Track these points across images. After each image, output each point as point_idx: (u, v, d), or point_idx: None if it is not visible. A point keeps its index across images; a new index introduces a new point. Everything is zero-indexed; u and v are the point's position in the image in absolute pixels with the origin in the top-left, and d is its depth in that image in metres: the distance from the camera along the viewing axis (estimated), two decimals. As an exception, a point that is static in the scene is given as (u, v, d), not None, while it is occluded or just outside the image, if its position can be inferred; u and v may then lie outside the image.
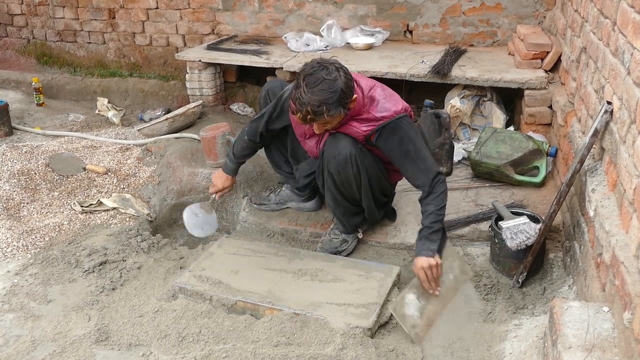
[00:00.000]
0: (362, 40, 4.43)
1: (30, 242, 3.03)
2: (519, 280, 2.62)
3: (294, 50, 4.41)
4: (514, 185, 3.32)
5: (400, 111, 2.62)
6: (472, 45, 4.45)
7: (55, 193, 3.42)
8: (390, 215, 3.11)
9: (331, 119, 2.49)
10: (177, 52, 4.84)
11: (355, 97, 2.51)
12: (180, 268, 2.85)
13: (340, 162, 2.64)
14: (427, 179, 2.56)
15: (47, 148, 3.86)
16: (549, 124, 3.66)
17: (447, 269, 2.52)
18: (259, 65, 4.33)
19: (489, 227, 2.79)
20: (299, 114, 2.44)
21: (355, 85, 2.56)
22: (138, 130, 4.23)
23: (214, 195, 3.08)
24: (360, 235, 3.00)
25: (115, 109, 4.83)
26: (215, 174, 3.11)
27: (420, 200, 2.60)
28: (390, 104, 2.62)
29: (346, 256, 2.92)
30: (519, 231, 2.57)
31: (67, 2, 5.46)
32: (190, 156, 3.75)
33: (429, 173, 2.57)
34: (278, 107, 2.86)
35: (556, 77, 3.67)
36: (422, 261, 2.45)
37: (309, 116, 2.42)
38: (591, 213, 2.27)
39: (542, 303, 2.52)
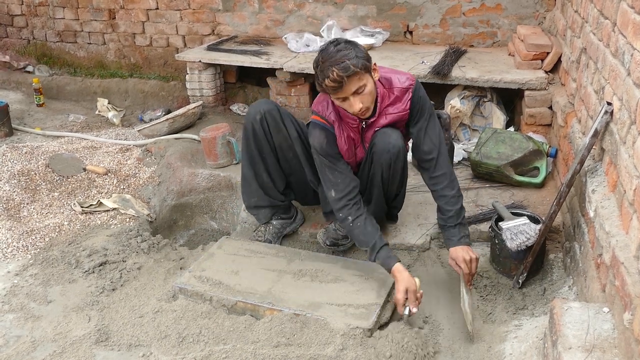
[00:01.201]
0: (362, 40, 4.43)
1: (31, 242, 3.03)
2: (519, 280, 2.62)
3: (294, 51, 4.41)
4: (514, 185, 3.32)
5: (410, 76, 2.62)
6: (472, 46, 4.45)
7: (56, 193, 3.42)
8: (393, 217, 3.10)
9: (360, 80, 2.36)
10: (177, 53, 4.84)
11: (375, 64, 2.47)
12: (181, 269, 2.85)
13: (394, 154, 2.59)
14: (434, 151, 2.57)
15: (47, 148, 3.86)
16: (549, 125, 3.67)
17: None
18: (259, 66, 4.33)
19: (489, 227, 2.79)
20: (329, 82, 2.34)
21: None
22: (138, 130, 4.23)
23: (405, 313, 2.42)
24: None
25: (116, 110, 4.84)
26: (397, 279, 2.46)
27: (432, 184, 2.58)
28: (399, 74, 2.63)
29: (344, 254, 2.92)
30: (519, 232, 2.57)
31: (67, 3, 5.47)
32: (190, 157, 3.75)
33: (435, 142, 2.59)
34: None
35: (556, 78, 3.67)
36: (464, 252, 2.45)
37: (339, 77, 2.31)
38: (591, 214, 2.27)
39: (542, 304, 2.52)
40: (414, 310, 2.36)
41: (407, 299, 2.36)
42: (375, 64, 2.48)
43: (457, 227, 2.53)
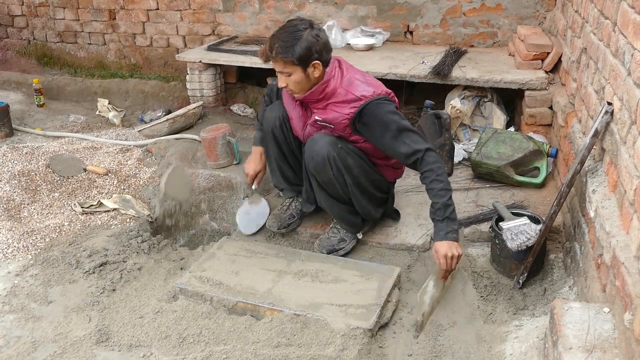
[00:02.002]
0: (362, 41, 4.44)
1: (31, 243, 3.03)
2: (520, 281, 2.62)
3: (295, 51, 4.40)
4: (514, 186, 3.32)
5: (382, 93, 2.64)
6: (472, 46, 4.45)
7: (56, 194, 3.42)
8: (393, 214, 3.10)
9: (284, 67, 2.55)
10: (178, 53, 4.84)
11: (318, 64, 2.56)
12: (181, 269, 2.86)
13: (319, 163, 2.65)
14: (418, 152, 2.56)
15: (47, 149, 3.86)
16: (550, 125, 3.66)
17: None
18: (260, 66, 4.32)
19: (490, 227, 2.79)
20: (261, 50, 2.60)
21: (336, 66, 2.65)
22: (138, 131, 4.23)
23: (254, 186, 3.07)
24: (360, 236, 2.99)
25: (116, 110, 4.84)
26: (246, 162, 3.12)
27: (422, 179, 2.58)
28: (370, 86, 2.65)
29: (344, 256, 2.91)
30: (519, 232, 2.57)
31: (68, 3, 5.47)
32: (190, 157, 3.75)
33: (417, 145, 2.57)
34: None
35: (556, 78, 3.67)
36: (446, 248, 2.43)
37: (265, 52, 2.56)
38: (592, 214, 2.27)
39: (543, 304, 2.52)
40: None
41: None
42: (318, 63, 2.55)
43: (444, 222, 2.48)
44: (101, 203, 3.33)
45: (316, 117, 2.71)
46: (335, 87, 2.63)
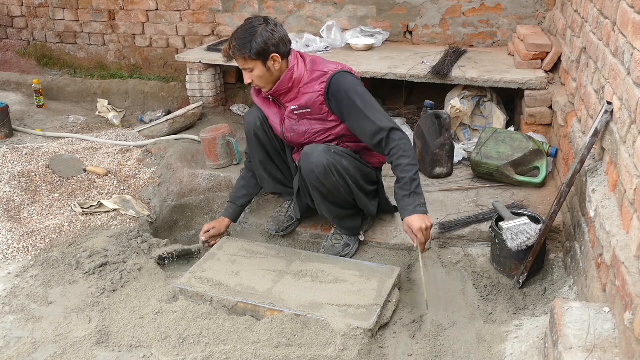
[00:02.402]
0: (362, 41, 4.44)
1: (31, 243, 3.03)
2: (520, 280, 2.62)
3: (294, 52, 4.41)
4: (514, 185, 3.32)
5: (346, 68, 2.73)
6: (472, 46, 4.45)
7: (56, 195, 3.42)
8: (391, 208, 3.08)
9: (245, 63, 2.64)
10: (177, 54, 4.84)
11: (276, 56, 2.62)
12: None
13: (320, 173, 2.66)
14: (382, 131, 2.60)
15: (47, 150, 3.86)
16: (550, 125, 3.66)
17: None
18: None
19: (490, 227, 2.79)
20: (223, 50, 2.70)
21: (298, 55, 2.74)
22: (138, 131, 4.23)
23: (202, 238, 3.04)
24: (362, 238, 3.00)
25: (116, 111, 4.84)
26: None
27: (389, 157, 2.62)
28: (333, 64, 2.75)
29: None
30: (519, 232, 2.57)
31: (67, 4, 5.47)
32: (190, 157, 3.75)
33: (382, 123, 2.61)
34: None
35: (556, 78, 3.67)
36: (419, 221, 2.46)
37: (225, 51, 2.67)
38: (592, 213, 2.27)
39: (543, 304, 2.52)
40: None
41: None
42: (276, 56, 2.62)
43: (411, 197, 2.51)
44: (101, 204, 3.33)
45: (291, 107, 2.76)
46: (301, 73, 2.71)
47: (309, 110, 2.73)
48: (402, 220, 2.53)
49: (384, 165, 3.01)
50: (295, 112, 2.76)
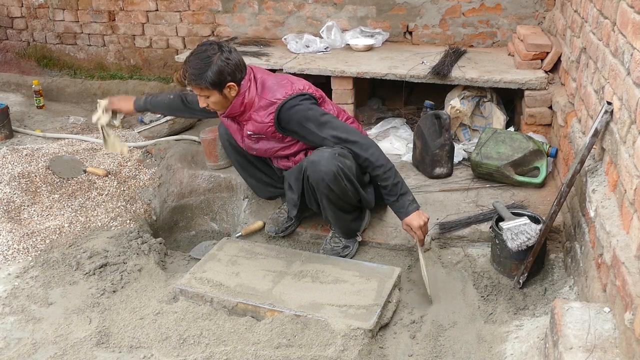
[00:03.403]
0: (362, 41, 4.43)
1: (31, 244, 3.03)
2: (520, 281, 2.62)
3: (294, 52, 4.41)
4: (514, 186, 3.32)
5: (294, 92, 2.70)
6: (472, 46, 4.45)
7: (56, 195, 3.42)
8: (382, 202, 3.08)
9: (200, 92, 2.63)
10: (177, 54, 4.84)
11: (232, 85, 2.62)
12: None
13: (331, 181, 2.66)
14: (347, 143, 2.67)
15: (47, 150, 3.86)
16: (549, 125, 3.66)
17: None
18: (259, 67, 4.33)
19: (490, 228, 2.79)
20: (176, 75, 2.68)
21: (251, 77, 2.70)
22: (138, 132, 4.23)
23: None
24: (359, 239, 2.99)
25: (116, 111, 4.83)
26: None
27: (365, 168, 2.71)
28: (282, 87, 2.72)
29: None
30: (519, 232, 2.57)
31: (67, 5, 5.47)
32: (190, 158, 3.75)
33: (344, 135, 2.67)
34: None
35: (556, 78, 3.67)
36: (417, 219, 2.63)
37: (181, 78, 2.63)
38: (592, 213, 2.27)
39: (543, 304, 2.52)
40: None
41: None
42: (231, 85, 2.61)
43: (399, 199, 2.66)
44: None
45: (248, 132, 2.80)
46: (252, 97, 2.70)
47: (263, 136, 2.78)
48: (402, 221, 2.69)
49: None
50: (252, 137, 2.81)
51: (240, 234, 3.16)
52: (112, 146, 3.29)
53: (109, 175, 3.61)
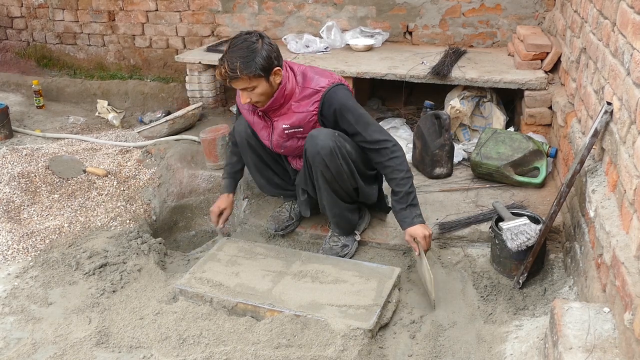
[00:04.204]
0: (361, 41, 4.44)
1: (31, 244, 3.03)
2: (520, 281, 2.62)
3: (294, 52, 4.41)
4: (514, 186, 3.32)
5: (336, 81, 2.71)
6: (471, 46, 4.46)
7: (56, 195, 3.42)
8: (384, 207, 3.07)
9: (249, 82, 2.55)
10: (177, 54, 4.84)
11: (279, 70, 2.59)
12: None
13: (326, 155, 2.64)
14: (378, 143, 2.66)
15: (47, 150, 3.86)
16: (549, 125, 3.66)
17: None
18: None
19: (489, 228, 2.79)
20: (219, 72, 2.57)
21: (287, 67, 2.69)
22: (138, 132, 4.23)
23: (219, 226, 3.08)
24: (358, 238, 2.99)
25: (115, 111, 4.83)
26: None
27: (383, 169, 2.71)
28: (324, 77, 2.72)
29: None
30: (519, 232, 2.57)
31: (67, 5, 5.47)
32: (190, 158, 3.75)
33: (374, 137, 2.67)
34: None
35: (556, 78, 3.67)
36: (421, 230, 2.62)
37: (227, 73, 2.53)
38: (591, 214, 2.27)
39: (543, 304, 2.52)
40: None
41: None
42: (278, 69, 2.58)
43: (408, 209, 2.65)
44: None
45: (283, 126, 2.73)
46: (292, 87, 2.68)
47: (301, 129, 2.74)
48: (403, 230, 2.67)
49: None
50: (287, 132, 2.75)
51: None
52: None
53: (109, 175, 3.62)
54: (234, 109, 3.13)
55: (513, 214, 2.75)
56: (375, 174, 2.96)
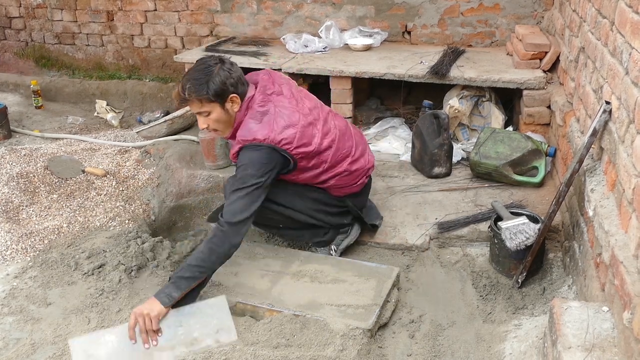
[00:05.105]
0: (360, 41, 4.44)
1: (30, 244, 3.03)
2: (519, 280, 2.62)
3: (293, 52, 4.41)
4: (513, 185, 3.32)
5: (258, 140, 2.47)
6: (470, 46, 4.46)
7: (55, 195, 3.42)
8: (370, 222, 3.00)
9: (200, 106, 2.47)
10: (176, 54, 4.84)
11: (235, 97, 2.49)
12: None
13: (257, 229, 2.68)
14: (223, 213, 2.43)
15: (45, 151, 3.85)
16: (548, 124, 3.67)
17: (193, 324, 2.31)
18: (258, 67, 4.32)
19: (488, 227, 2.79)
20: (174, 93, 2.51)
21: (254, 91, 2.56)
22: (137, 132, 4.23)
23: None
24: (333, 253, 2.90)
25: (114, 111, 4.83)
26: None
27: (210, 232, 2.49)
28: (257, 128, 2.49)
29: (342, 255, 2.92)
30: (518, 231, 2.57)
31: (66, 5, 5.47)
32: (189, 158, 3.75)
33: (227, 207, 2.43)
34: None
35: (555, 77, 3.67)
36: (142, 307, 2.27)
37: (178, 94, 2.47)
38: (590, 213, 2.27)
39: (542, 303, 2.52)
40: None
41: None
42: (235, 96, 2.47)
43: (171, 281, 2.34)
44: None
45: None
46: (239, 118, 2.56)
47: None
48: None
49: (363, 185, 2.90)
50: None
51: None
52: None
53: (108, 175, 3.61)
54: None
55: (512, 213, 2.75)
56: (344, 210, 2.88)
